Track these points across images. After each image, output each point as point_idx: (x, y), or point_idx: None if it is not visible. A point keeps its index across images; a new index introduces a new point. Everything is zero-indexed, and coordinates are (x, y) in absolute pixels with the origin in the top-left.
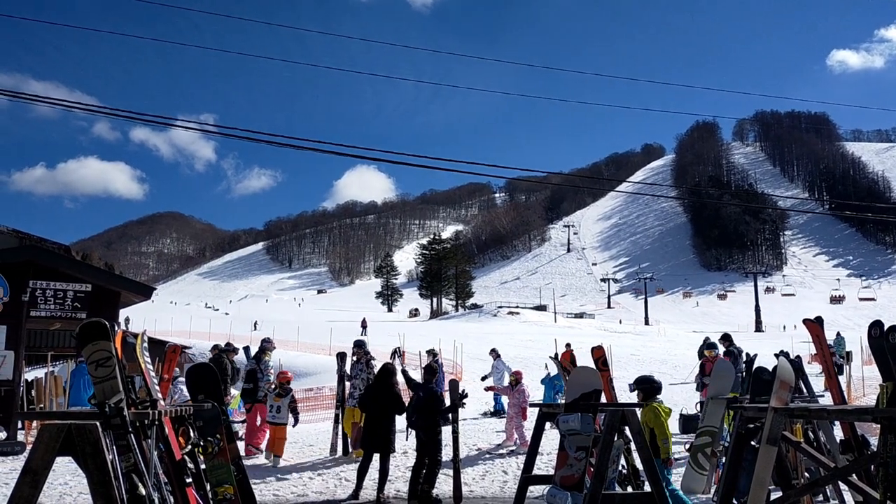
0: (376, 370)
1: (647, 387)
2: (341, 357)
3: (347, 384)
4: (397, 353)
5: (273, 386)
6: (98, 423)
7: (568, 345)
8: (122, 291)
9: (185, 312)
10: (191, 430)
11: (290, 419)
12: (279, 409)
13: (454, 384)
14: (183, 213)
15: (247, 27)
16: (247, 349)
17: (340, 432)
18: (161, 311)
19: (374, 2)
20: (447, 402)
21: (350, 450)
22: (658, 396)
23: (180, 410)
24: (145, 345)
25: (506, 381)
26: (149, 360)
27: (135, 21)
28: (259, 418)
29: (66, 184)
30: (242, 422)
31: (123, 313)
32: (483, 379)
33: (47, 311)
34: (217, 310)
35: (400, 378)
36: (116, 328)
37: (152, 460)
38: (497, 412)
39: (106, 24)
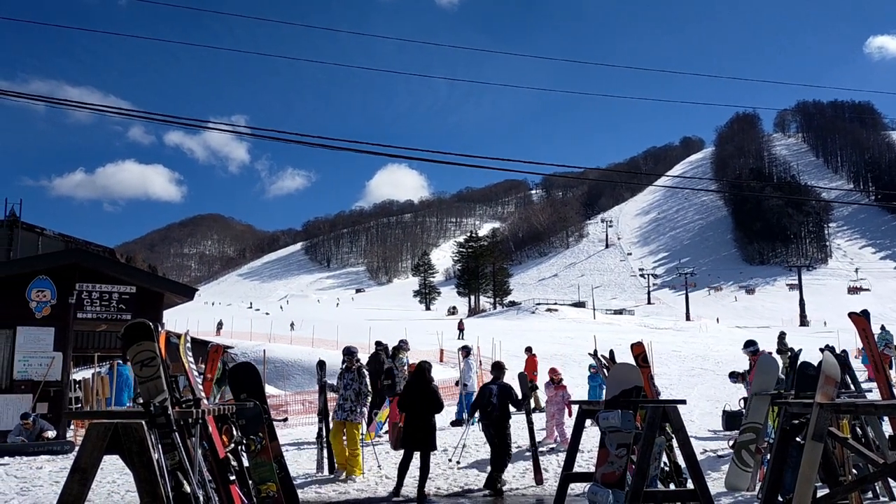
0: (367, 380)
1: None
2: (321, 366)
3: (332, 395)
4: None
5: (406, 375)
6: (143, 422)
7: (529, 349)
8: (166, 293)
9: (227, 313)
10: (234, 429)
11: None
12: None
13: (523, 377)
14: (223, 214)
15: (280, 29)
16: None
17: (326, 448)
18: (203, 311)
19: (400, 1)
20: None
21: (336, 468)
22: None
23: (223, 409)
24: (188, 345)
25: (475, 383)
26: (192, 359)
27: (167, 24)
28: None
29: (105, 187)
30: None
31: (216, 318)
32: (455, 384)
33: (93, 312)
34: (258, 310)
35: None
36: (160, 329)
37: (196, 458)
38: (458, 421)
39: (137, 28)
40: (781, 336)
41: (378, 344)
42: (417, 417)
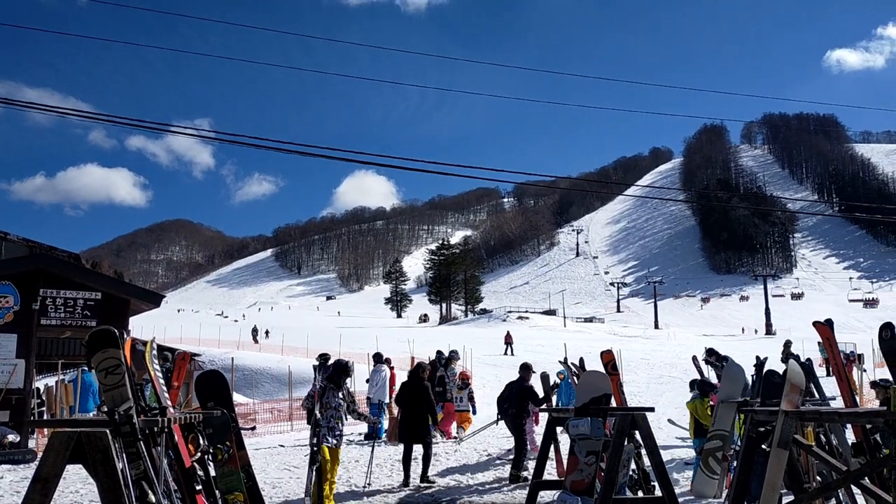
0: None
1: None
2: (321, 368)
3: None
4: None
5: (458, 382)
6: (108, 431)
7: (388, 360)
8: (132, 299)
9: (195, 320)
10: (201, 438)
11: (470, 406)
12: (461, 399)
13: (545, 376)
14: (192, 220)
15: (249, 34)
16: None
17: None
18: (170, 318)
19: (368, 9)
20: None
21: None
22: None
23: (190, 418)
24: (154, 352)
25: (387, 392)
26: (158, 367)
27: (131, 25)
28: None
29: (67, 192)
30: None
31: (252, 323)
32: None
33: (58, 319)
34: (227, 317)
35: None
36: (126, 336)
37: (162, 468)
38: (370, 435)
39: (100, 29)
40: (787, 344)
41: (438, 353)
42: (414, 412)
